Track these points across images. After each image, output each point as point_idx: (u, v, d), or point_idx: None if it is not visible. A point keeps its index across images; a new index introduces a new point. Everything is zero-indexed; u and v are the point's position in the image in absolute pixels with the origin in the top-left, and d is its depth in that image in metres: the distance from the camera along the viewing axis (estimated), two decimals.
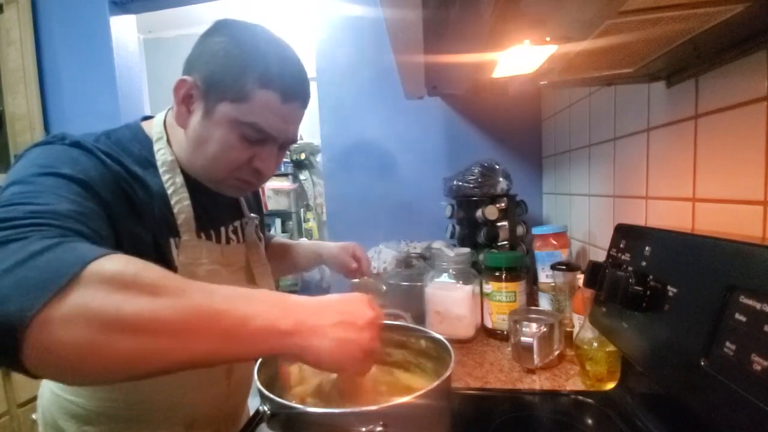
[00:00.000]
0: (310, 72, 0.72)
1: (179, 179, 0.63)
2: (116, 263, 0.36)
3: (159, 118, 0.67)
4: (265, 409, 0.43)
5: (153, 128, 0.66)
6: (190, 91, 0.60)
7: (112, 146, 0.59)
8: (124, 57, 1.79)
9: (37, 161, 0.50)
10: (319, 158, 3.15)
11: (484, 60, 0.56)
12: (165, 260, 0.59)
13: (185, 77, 0.60)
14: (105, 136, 0.61)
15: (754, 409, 0.34)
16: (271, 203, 3.07)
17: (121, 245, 0.52)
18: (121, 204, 0.53)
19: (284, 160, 3.05)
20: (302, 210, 3.25)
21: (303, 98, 0.64)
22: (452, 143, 1.54)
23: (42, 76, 1.80)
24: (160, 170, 0.62)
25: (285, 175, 3.10)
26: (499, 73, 0.62)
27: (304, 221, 3.26)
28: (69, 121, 1.82)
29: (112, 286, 0.34)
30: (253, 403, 0.62)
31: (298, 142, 3.15)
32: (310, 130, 3.22)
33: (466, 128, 1.53)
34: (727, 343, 0.38)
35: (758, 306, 0.36)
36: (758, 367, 0.34)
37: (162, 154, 0.63)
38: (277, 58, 0.60)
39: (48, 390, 0.69)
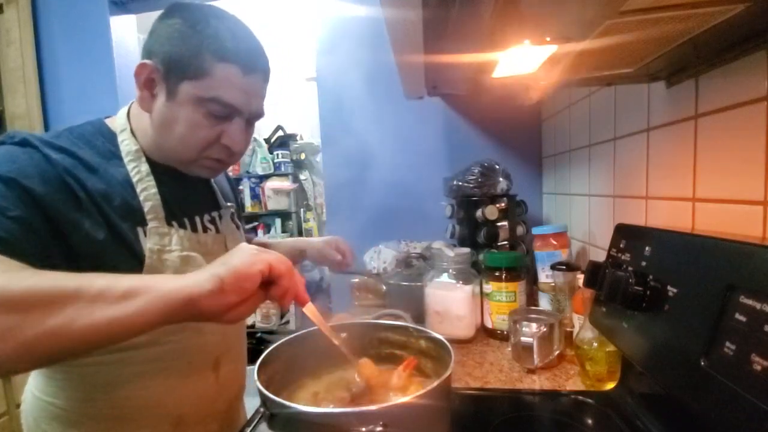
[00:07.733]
0: (310, 72, 0.73)
1: (144, 167, 0.63)
2: None
3: (122, 111, 0.68)
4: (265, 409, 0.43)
5: (116, 122, 0.67)
6: (151, 75, 0.61)
7: (73, 140, 0.60)
8: (124, 57, 1.79)
9: None
10: (319, 158, 3.14)
11: (484, 60, 0.56)
12: (129, 250, 0.59)
13: (145, 61, 0.61)
14: (68, 131, 0.62)
15: (754, 409, 0.34)
16: (271, 203, 3.05)
17: (64, 235, 0.54)
18: (61, 197, 0.54)
19: (284, 160, 3.06)
20: (302, 210, 3.24)
21: (263, 71, 0.65)
22: (452, 143, 1.54)
23: (42, 76, 1.80)
24: (125, 160, 0.63)
25: (285, 175, 3.09)
26: (499, 73, 0.62)
27: (304, 221, 3.25)
28: (69, 121, 1.75)
29: None
30: (254, 403, 0.62)
31: (298, 141, 3.14)
32: (310, 130, 3.22)
33: (466, 128, 1.53)
34: (727, 343, 0.38)
35: (758, 306, 0.36)
36: (758, 367, 0.34)
37: (126, 145, 0.64)
38: (230, 32, 0.61)
39: (30, 393, 0.68)
